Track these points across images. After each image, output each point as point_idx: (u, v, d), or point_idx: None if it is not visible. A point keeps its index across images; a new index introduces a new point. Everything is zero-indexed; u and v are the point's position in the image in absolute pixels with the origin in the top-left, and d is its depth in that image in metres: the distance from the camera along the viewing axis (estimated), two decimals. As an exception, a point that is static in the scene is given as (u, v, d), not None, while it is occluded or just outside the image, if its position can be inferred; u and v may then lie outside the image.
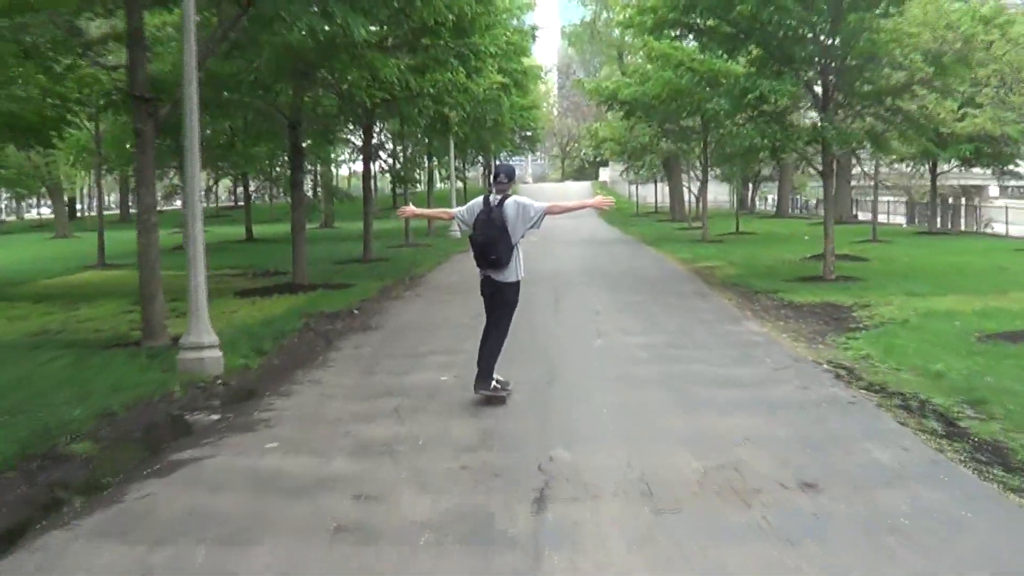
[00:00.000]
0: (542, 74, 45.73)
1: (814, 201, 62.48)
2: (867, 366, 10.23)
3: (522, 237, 8.95)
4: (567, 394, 9.23)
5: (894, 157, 31.36)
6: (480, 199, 8.99)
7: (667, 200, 67.03)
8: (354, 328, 14.21)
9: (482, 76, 23.90)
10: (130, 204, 74.90)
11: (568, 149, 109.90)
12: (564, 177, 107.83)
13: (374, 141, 35.40)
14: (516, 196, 9.02)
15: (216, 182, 54.02)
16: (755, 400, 8.68)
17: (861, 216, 49.59)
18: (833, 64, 18.47)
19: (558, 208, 9.32)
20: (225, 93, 18.65)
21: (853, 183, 56.46)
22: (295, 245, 20.24)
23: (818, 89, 19.15)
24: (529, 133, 62.80)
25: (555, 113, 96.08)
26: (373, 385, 9.93)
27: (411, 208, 10.56)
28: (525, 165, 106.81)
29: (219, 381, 10.30)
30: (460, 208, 9.53)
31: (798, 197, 64.52)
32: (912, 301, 15.07)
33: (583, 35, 61.03)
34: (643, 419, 8.07)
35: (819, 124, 18.32)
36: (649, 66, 29.28)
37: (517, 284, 9.14)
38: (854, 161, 48.13)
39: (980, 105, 26.28)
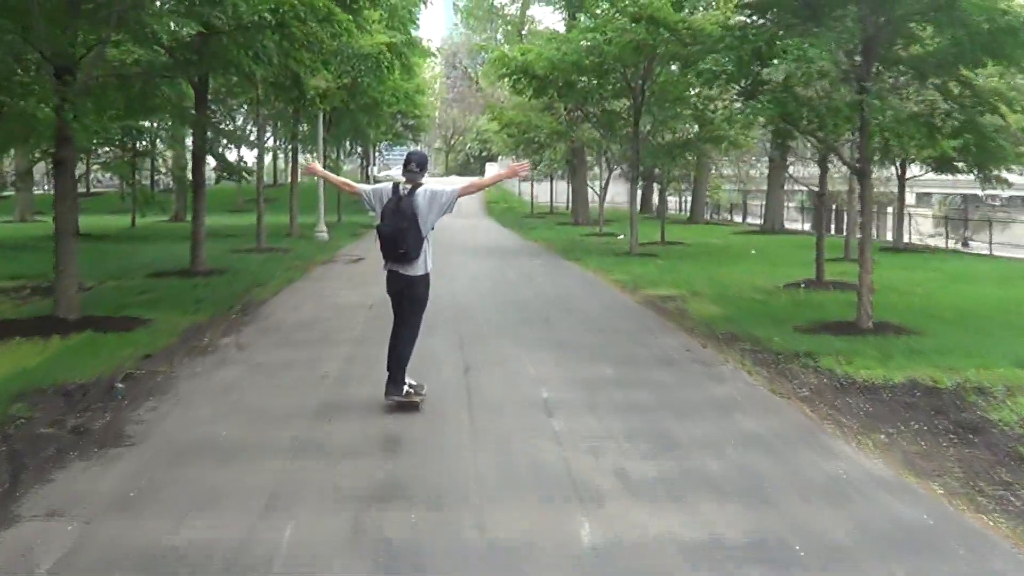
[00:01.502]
0: (432, 53, 38.72)
1: (729, 206, 57.16)
2: None
3: (432, 229, 8.22)
4: None
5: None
6: (388, 185, 8.37)
7: (565, 200, 61.36)
8: (91, 439, 7.29)
9: (362, 20, 17.18)
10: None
11: (453, 142, 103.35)
12: (448, 172, 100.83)
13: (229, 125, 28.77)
14: (427, 184, 8.23)
15: (32, 163, 45.38)
16: None
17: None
18: (883, 18, 12.18)
19: (473, 187, 9.45)
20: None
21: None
22: (58, 257, 13.16)
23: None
24: (413, 121, 56.46)
25: (439, 104, 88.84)
26: None
27: (317, 166, 10.31)
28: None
29: None
30: (367, 187, 8.88)
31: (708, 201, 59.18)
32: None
33: (476, 10, 54.11)
34: None
35: (862, 101, 12.00)
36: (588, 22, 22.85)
37: (427, 277, 8.34)
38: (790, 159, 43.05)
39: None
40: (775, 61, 11.02)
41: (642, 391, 8.99)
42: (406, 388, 8.19)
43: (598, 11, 23.19)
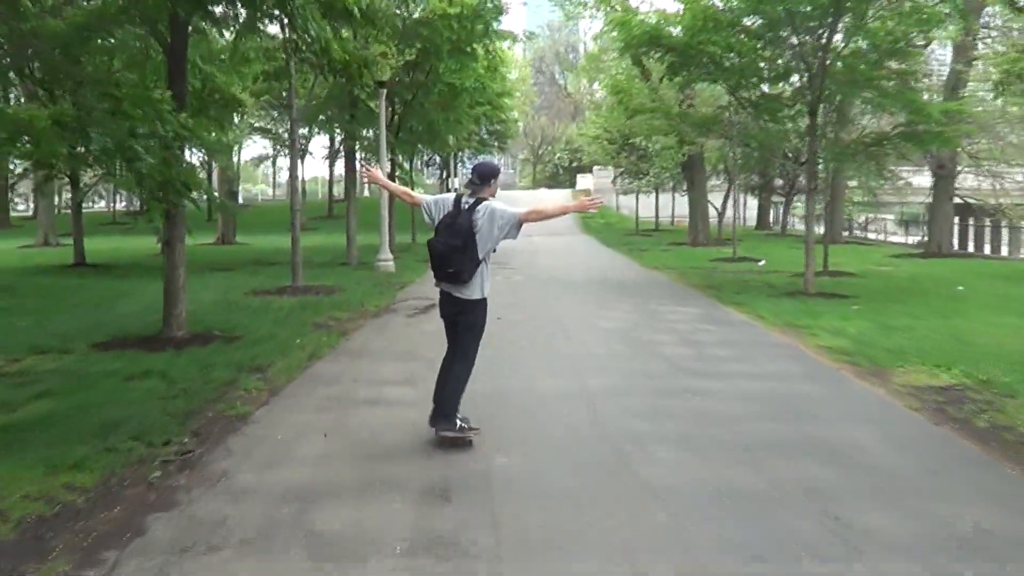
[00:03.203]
0: (516, 36, 31.75)
1: (862, 219, 49.37)
2: None
3: (493, 251, 7.38)
4: None
5: None
6: (451, 197, 7.55)
7: (670, 215, 54.30)
8: None
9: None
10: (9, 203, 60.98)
11: (541, 152, 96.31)
12: (536, 184, 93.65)
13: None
14: (492, 201, 7.33)
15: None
16: None
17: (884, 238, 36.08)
18: None
19: (536, 215, 7.41)
20: None
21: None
22: None
23: None
24: (498, 126, 49.98)
25: (528, 107, 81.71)
26: None
27: (378, 172, 8.30)
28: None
29: None
30: (428, 197, 7.79)
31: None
32: None
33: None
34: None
35: None
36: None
37: (483, 302, 7.42)
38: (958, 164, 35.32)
39: None
40: None
41: None
42: (459, 423, 7.32)
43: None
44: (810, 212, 19.26)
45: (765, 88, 19.93)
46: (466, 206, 7.25)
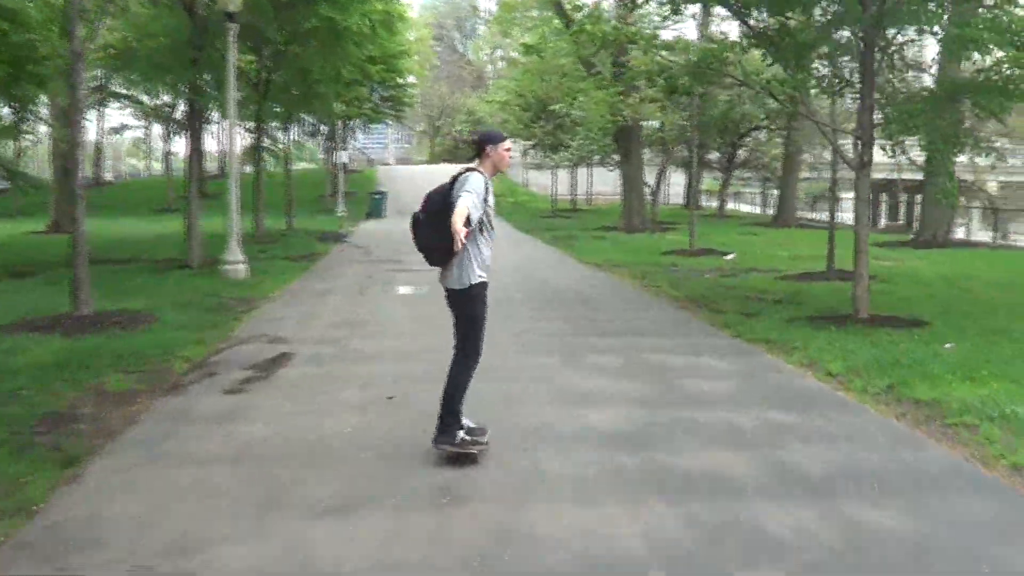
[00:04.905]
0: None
1: (810, 200, 43.84)
2: None
3: (481, 230, 6.19)
4: None
5: None
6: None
7: (585, 193, 48.74)
8: None
9: None
10: None
11: (439, 125, 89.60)
12: (433, 159, 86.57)
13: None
14: (472, 174, 6.10)
15: None
16: None
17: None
18: None
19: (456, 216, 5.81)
20: None
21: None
22: None
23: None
24: (393, 91, 43.85)
25: (427, 71, 74.90)
26: None
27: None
28: (386, 141, 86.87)
29: None
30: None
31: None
32: None
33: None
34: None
35: None
36: None
37: (467, 291, 6.25)
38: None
39: None
40: None
41: None
42: (460, 435, 6.15)
43: None
44: (863, 197, 13.01)
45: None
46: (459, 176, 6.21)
